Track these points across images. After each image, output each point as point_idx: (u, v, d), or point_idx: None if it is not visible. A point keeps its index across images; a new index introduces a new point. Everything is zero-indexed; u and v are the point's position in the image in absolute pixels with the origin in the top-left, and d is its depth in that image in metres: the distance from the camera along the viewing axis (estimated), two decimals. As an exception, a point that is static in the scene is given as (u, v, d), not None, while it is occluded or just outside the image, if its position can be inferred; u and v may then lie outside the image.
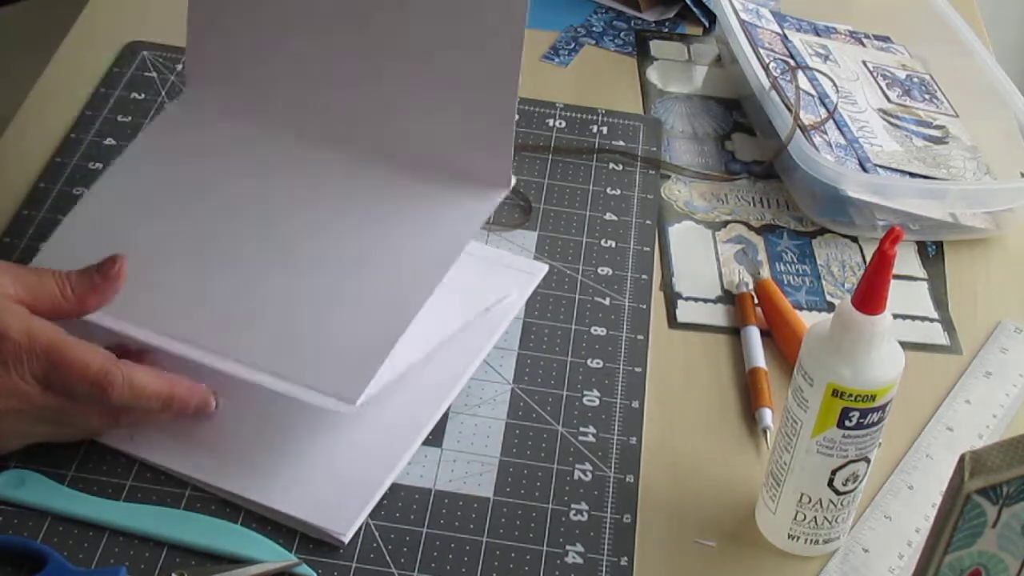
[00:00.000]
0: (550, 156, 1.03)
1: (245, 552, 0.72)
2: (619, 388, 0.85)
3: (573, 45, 1.17)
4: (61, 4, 1.18)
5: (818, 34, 1.16)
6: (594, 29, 1.20)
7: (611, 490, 0.78)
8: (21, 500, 0.74)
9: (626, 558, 0.75)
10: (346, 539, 0.73)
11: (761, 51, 1.07)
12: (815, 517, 0.74)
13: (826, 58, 1.12)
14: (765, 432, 0.82)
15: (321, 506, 0.74)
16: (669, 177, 1.03)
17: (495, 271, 0.89)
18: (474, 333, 0.85)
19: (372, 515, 0.75)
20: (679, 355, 0.88)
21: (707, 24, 1.21)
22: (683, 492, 0.79)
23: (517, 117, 0.82)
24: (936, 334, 0.92)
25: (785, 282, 0.94)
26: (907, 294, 0.95)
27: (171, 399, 0.75)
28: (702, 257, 0.96)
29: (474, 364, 0.83)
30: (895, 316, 0.73)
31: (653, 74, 1.15)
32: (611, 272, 0.93)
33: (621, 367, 0.86)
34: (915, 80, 1.13)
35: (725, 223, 0.99)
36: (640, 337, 0.88)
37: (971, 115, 1.09)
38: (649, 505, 0.78)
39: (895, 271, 0.68)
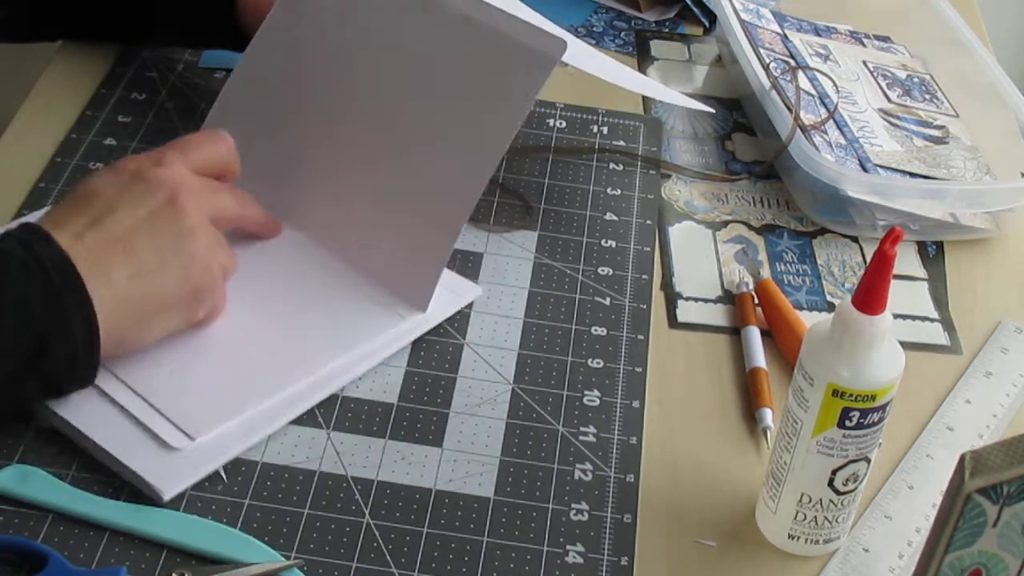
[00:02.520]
0: (550, 156, 1.03)
1: (242, 556, 0.72)
2: (619, 388, 0.85)
3: (573, 45, 1.17)
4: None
5: (818, 34, 1.17)
6: (594, 29, 1.20)
7: (611, 490, 0.78)
8: (23, 496, 0.74)
9: (626, 558, 0.75)
10: (166, 497, 0.74)
11: (761, 51, 1.07)
12: (815, 517, 0.74)
13: (826, 58, 1.12)
14: (765, 432, 0.82)
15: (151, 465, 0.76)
16: (669, 177, 1.03)
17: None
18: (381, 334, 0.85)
19: (372, 515, 0.75)
20: (679, 355, 0.88)
21: (707, 24, 1.21)
22: (683, 492, 0.79)
23: (451, 252, 0.86)
24: (936, 334, 0.92)
25: (785, 282, 0.94)
26: (907, 294, 0.95)
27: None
28: (702, 257, 0.96)
29: (363, 365, 0.83)
30: (895, 316, 0.73)
31: (653, 74, 1.15)
32: (611, 272, 0.93)
33: (621, 367, 0.86)
34: (915, 80, 1.13)
35: (725, 223, 0.99)
36: (640, 337, 0.88)
37: (971, 115, 1.09)
38: (649, 505, 0.78)
39: (895, 271, 0.68)
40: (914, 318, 0.93)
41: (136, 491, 0.75)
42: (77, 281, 0.73)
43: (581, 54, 1.00)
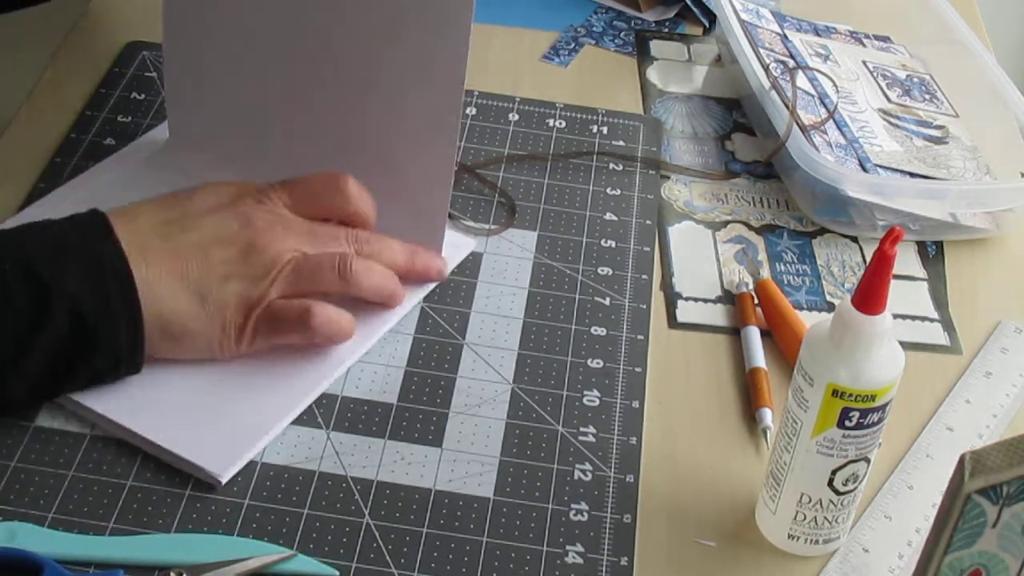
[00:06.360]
0: (550, 156, 1.03)
1: (243, 556, 0.72)
2: (619, 388, 0.85)
3: (573, 45, 1.17)
4: (61, 4, 1.18)
5: (818, 34, 1.17)
6: (594, 29, 1.20)
7: (611, 490, 0.78)
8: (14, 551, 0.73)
9: (626, 558, 0.75)
10: (223, 480, 0.75)
11: (761, 51, 1.07)
12: (815, 517, 0.74)
13: (826, 58, 1.12)
14: (765, 432, 0.82)
15: (203, 447, 0.76)
16: (669, 177, 1.03)
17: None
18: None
19: (372, 515, 0.75)
20: (679, 355, 0.88)
21: (707, 24, 1.21)
22: (683, 492, 0.79)
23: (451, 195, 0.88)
24: (936, 334, 0.92)
25: (785, 282, 0.94)
26: (907, 294, 0.95)
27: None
28: (702, 257, 0.96)
29: (383, 328, 0.85)
30: (895, 316, 0.73)
31: (653, 74, 1.15)
32: (611, 272, 0.93)
33: (621, 367, 0.86)
34: (915, 80, 1.13)
35: (725, 223, 0.99)
36: (640, 337, 0.88)
37: (971, 115, 1.09)
38: (649, 505, 0.78)
39: (895, 271, 0.68)
40: (914, 318, 0.93)
41: (132, 501, 0.75)
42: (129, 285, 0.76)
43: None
